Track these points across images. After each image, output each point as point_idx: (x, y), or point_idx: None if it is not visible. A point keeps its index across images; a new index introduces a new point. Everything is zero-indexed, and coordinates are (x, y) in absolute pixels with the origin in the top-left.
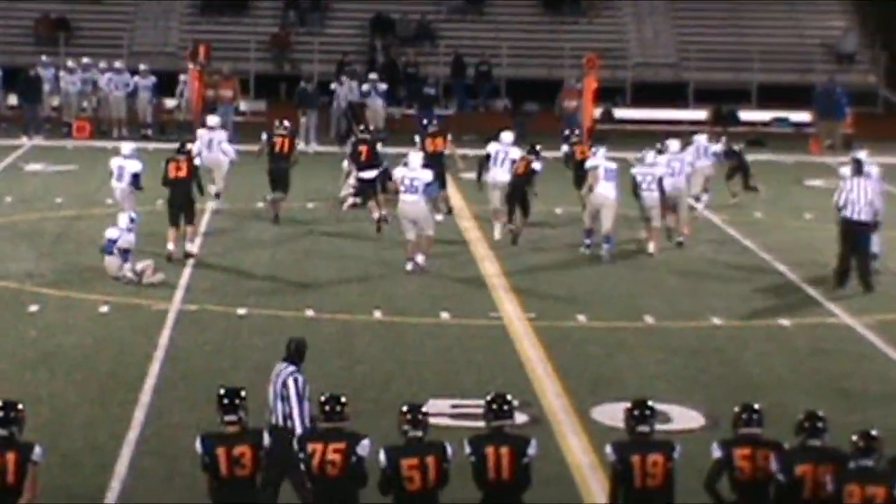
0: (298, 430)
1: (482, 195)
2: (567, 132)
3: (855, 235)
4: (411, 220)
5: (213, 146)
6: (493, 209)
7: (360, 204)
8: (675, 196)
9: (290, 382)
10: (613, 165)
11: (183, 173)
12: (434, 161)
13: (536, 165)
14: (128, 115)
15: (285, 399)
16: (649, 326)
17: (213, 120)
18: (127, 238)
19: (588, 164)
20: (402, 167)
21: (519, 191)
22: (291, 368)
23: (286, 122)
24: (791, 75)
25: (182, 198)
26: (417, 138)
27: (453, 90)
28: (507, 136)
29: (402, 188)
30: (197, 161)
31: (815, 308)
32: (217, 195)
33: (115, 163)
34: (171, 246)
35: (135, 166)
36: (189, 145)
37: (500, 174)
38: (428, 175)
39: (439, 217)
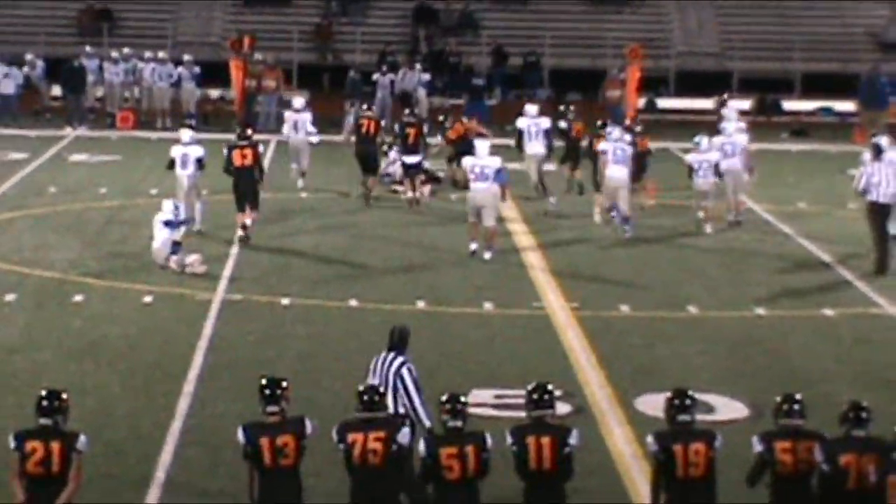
0: (425, 422)
1: (520, 185)
2: (563, 107)
3: (881, 218)
4: (479, 207)
5: (299, 128)
6: (534, 184)
7: (400, 184)
8: (733, 174)
9: (405, 373)
10: (627, 148)
11: (249, 161)
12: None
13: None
14: (172, 106)
15: (401, 391)
16: (692, 316)
17: (298, 102)
18: (177, 230)
19: (600, 147)
20: (471, 157)
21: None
22: (401, 359)
23: (374, 106)
24: (835, 64)
25: (248, 184)
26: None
27: (494, 80)
28: (532, 108)
29: (472, 176)
30: (261, 147)
31: (859, 298)
32: (302, 174)
33: (177, 151)
34: (241, 232)
35: (197, 151)
36: (248, 131)
37: (535, 147)
38: (497, 162)
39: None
